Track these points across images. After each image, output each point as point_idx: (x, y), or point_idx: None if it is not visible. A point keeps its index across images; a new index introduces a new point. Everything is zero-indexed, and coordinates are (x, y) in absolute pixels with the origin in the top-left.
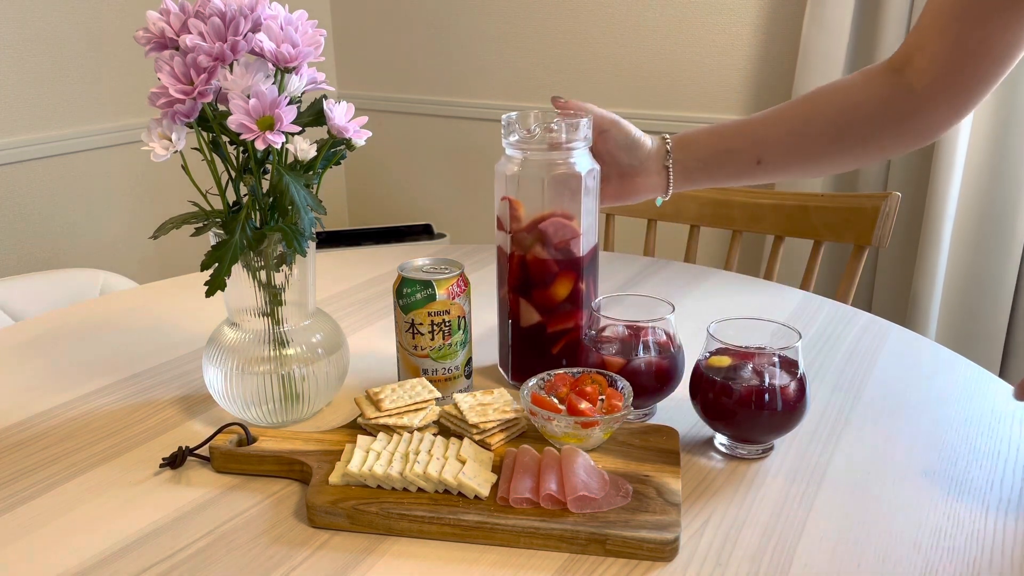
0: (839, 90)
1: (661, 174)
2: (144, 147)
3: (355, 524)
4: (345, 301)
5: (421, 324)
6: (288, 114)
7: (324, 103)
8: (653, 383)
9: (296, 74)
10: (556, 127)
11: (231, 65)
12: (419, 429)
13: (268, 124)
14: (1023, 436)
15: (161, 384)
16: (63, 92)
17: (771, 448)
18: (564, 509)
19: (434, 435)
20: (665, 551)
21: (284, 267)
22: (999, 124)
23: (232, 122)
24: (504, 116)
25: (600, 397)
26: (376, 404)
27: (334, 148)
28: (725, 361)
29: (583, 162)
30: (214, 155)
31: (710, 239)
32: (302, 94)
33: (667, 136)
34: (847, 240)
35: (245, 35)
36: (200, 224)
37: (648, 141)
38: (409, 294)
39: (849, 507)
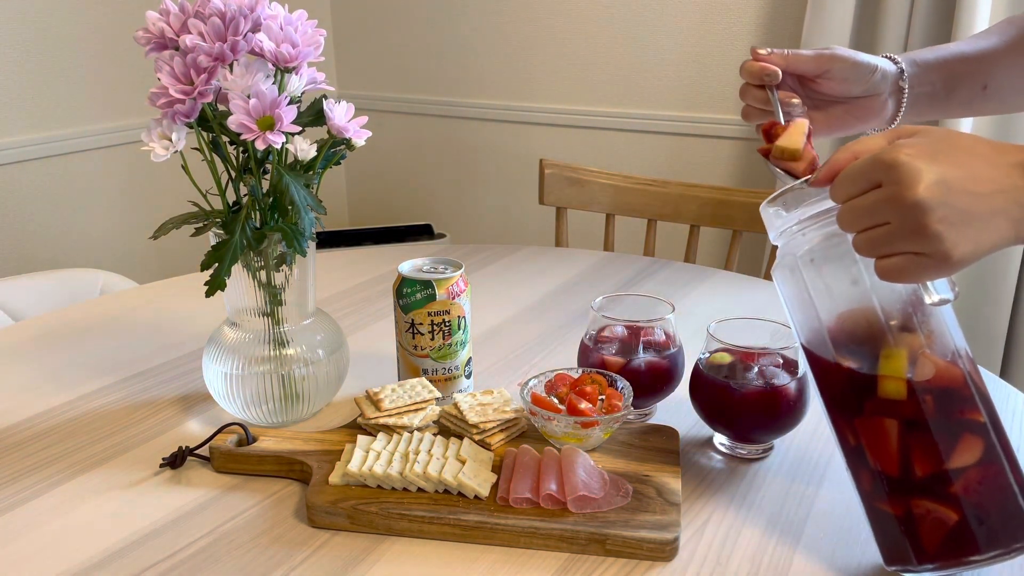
0: None
1: (894, 97)
2: (144, 147)
3: (355, 524)
4: (345, 301)
5: (421, 324)
6: (288, 114)
7: (324, 103)
8: (653, 383)
9: (296, 74)
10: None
11: (231, 65)
12: (419, 429)
13: (268, 124)
14: (1022, 436)
15: (161, 384)
16: (63, 92)
17: (771, 448)
18: (564, 509)
19: (434, 435)
20: (665, 551)
21: (284, 267)
22: (999, 119)
23: (232, 122)
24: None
25: (600, 397)
26: (376, 404)
27: (334, 148)
28: (725, 360)
29: None
30: (214, 155)
31: (710, 239)
32: (302, 94)
33: (893, 56)
34: None
35: (245, 35)
36: (200, 224)
37: (877, 63)
38: (409, 294)
39: (849, 507)
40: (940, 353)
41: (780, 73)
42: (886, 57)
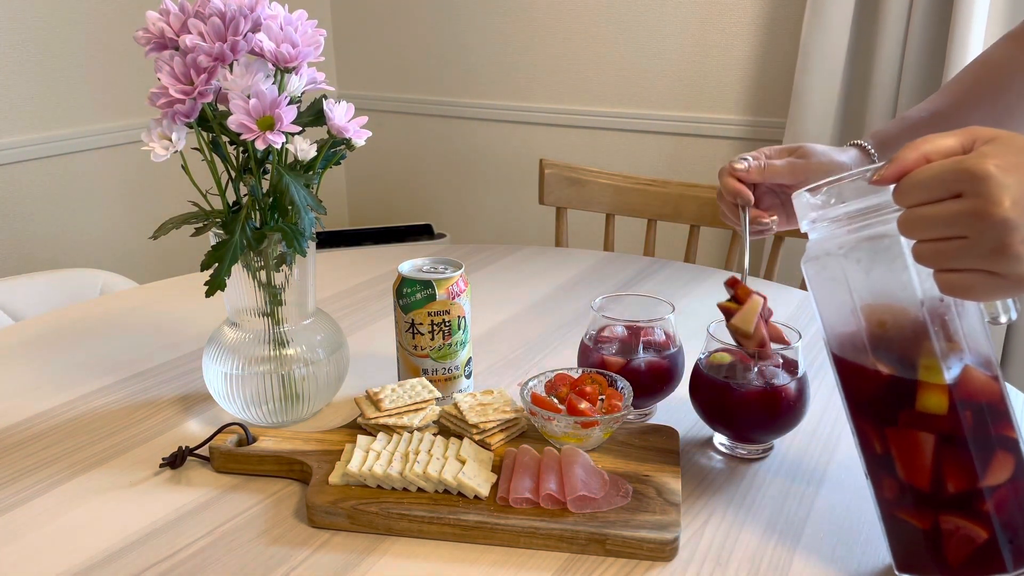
0: (1003, 62)
1: None
2: (144, 147)
3: (355, 524)
4: (345, 301)
5: (421, 324)
6: (288, 114)
7: (324, 103)
8: (653, 383)
9: (296, 74)
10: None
11: (231, 65)
12: (419, 429)
13: (268, 124)
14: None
15: (161, 384)
16: (63, 92)
17: (771, 448)
18: (564, 509)
19: (434, 435)
20: (665, 551)
21: (284, 267)
22: None
23: (232, 122)
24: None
25: (600, 397)
26: (376, 404)
27: (334, 148)
28: (725, 360)
29: None
30: (214, 155)
31: (710, 239)
32: (302, 94)
33: (865, 144)
34: None
35: (245, 35)
36: (200, 224)
37: (847, 158)
38: (409, 294)
39: (849, 507)
40: (979, 365)
41: (752, 197)
42: (854, 145)
